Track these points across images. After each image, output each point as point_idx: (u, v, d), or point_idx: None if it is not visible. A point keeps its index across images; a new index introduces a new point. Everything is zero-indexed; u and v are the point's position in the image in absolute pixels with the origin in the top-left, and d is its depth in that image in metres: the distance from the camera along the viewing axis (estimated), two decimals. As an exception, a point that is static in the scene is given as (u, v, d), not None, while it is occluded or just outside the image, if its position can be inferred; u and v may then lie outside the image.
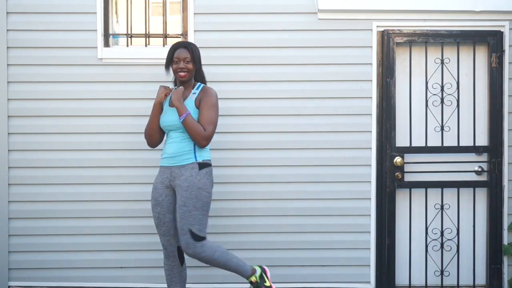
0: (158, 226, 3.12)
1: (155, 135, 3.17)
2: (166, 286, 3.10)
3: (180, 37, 3.74)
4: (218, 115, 3.11)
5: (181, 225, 2.98)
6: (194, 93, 3.10)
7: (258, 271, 3.14)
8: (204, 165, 3.05)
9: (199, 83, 3.17)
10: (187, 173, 3.01)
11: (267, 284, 3.14)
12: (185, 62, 3.05)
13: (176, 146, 3.05)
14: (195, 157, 3.04)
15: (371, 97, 3.69)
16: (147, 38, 3.74)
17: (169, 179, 3.07)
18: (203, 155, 3.08)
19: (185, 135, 3.05)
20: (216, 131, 3.19)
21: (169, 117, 3.08)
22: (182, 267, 3.17)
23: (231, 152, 3.67)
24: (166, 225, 3.10)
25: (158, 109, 3.12)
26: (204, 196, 3.00)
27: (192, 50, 3.08)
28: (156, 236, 3.67)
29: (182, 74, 3.06)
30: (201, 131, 2.99)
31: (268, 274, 3.18)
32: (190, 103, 3.06)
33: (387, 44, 3.66)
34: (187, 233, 2.97)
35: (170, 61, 3.11)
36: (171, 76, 3.24)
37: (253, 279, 3.10)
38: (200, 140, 3.00)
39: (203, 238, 2.99)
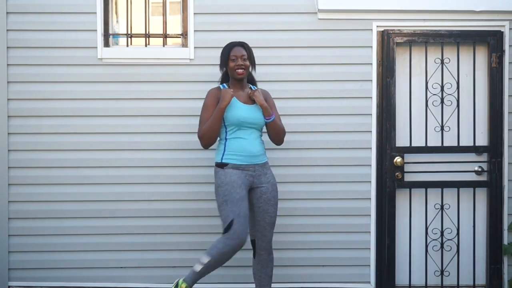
0: (245, 217, 2.98)
1: (216, 136, 3.10)
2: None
3: (180, 37, 3.74)
4: None
5: (274, 221, 3.13)
6: None
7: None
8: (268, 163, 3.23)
9: (250, 85, 3.21)
10: (270, 172, 3.17)
11: None
12: (243, 60, 3.08)
13: (259, 145, 3.13)
14: (265, 156, 3.21)
15: (371, 97, 3.69)
16: (147, 38, 3.74)
17: (253, 176, 3.08)
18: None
19: (259, 133, 3.15)
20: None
21: (252, 114, 3.06)
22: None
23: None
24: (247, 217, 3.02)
25: (224, 112, 3.03)
26: None
27: (248, 49, 3.14)
28: (156, 236, 3.68)
29: (240, 71, 3.08)
30: (284, 129, 3.20)
31: None
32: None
33: (387, 44, 3.66)
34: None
35: (226, 59, 3.11)
36: (217, 76, 3.31)
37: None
38: (283, 137, 3.20)
39: None
